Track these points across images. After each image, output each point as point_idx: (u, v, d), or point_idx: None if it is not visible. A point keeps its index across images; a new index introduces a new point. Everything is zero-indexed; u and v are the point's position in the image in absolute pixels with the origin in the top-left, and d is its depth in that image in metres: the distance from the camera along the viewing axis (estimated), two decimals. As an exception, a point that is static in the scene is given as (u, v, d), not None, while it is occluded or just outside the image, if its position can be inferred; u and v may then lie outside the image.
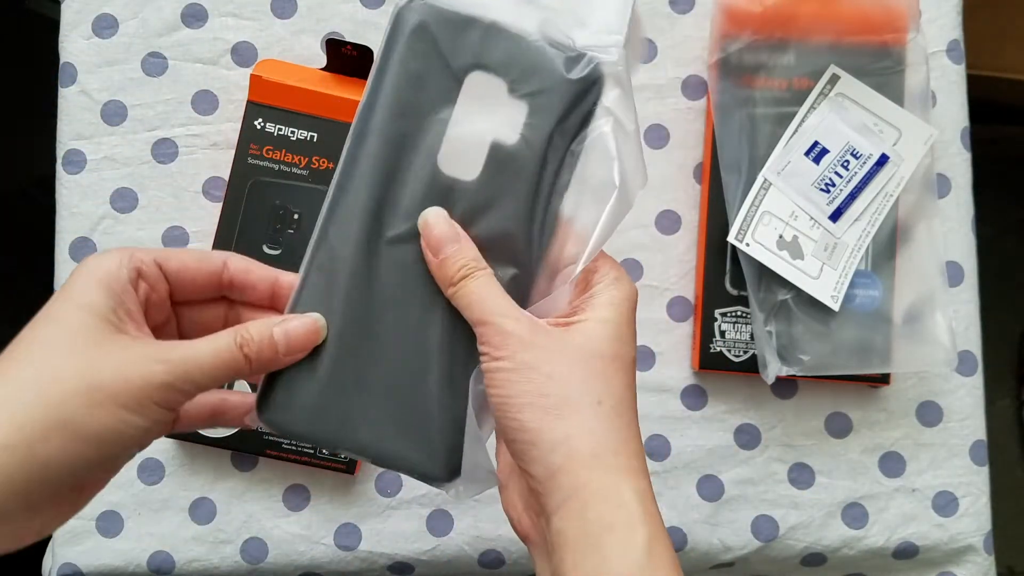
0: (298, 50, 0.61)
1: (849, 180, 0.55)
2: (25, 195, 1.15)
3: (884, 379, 0.57)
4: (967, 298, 0.59)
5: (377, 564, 0.58)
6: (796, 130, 0.56)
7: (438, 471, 0.36)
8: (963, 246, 0.60)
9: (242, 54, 0.61)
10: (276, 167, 0.56)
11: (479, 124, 0.35)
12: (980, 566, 0.58)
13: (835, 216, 0.55)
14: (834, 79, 0.56)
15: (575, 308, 0.35)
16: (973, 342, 0.59)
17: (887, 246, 0.56)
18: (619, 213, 0.34)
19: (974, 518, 0.58)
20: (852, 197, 0.55)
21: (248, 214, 0.56)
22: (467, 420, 0.35)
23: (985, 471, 0.58)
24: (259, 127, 0.56)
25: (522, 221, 0.35)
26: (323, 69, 0.57)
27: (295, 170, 0.56)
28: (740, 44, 0.56)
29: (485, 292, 0.34)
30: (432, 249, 0.34)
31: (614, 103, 0.35)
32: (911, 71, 0.56)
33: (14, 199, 1.16)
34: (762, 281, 0.55)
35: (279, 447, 0.56)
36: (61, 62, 0.61)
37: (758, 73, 0.56)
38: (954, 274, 0.59)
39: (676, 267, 0.59)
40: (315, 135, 0.56)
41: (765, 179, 0.56)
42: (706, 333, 0.57)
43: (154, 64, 0.61)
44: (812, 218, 0.55)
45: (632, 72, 0.35)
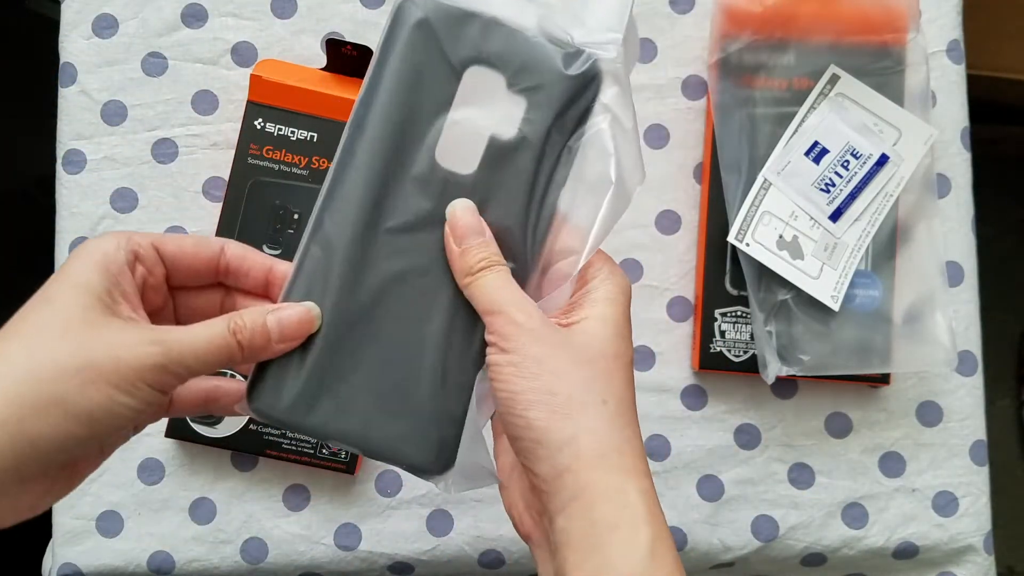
0: (298, 50, 0.61)
1: (849, 180, 0.55)
2: (25, 195, 1.15)
3: (884, 379, 0.57)
4: (967, 298, 0.59)
5: (377, 564, 0.58)
6: (796, 130, 0.56)
7: (429, 463, 0.36)
8: (963, 246, 0.60)
9: (242, 54, 0.61)
10: (276, 167, 0.56)
11: (477, 118, 0.35)
12: (980, 566, 0.58)
13: (835, 216, 0.55)
14: (834, 79, 0.56)
15: (572, 305, 0.35)
16: (973, 342, 0.59)
17: (887, 246, 0.56)
18: (617, 210, 0.34)
19: (974, 518, 0.58)
20: (852, 197, 0.55)
21: (248, 214, 0.56)
22: (467, 417, 0.35)
23: (985, 471, 0.58)
24: (259, 127, 0.56)
25: (519, 215, 0.35)
26: (323, 69, 0.57)
27: (295, 170, 0.56)
28: (740, 44, 0.56)
29: (502, 284, 0.34)
30: (456, 238, 0.34)
31: (612, 100, 0.35)
32: (911, 71, 0.56)
33: (14, 199, 1.16)
34: (762, 281, 0.55)
35: (279, 447, 0.56)
36: (61, 62, 0.61)
37: (758, 73, 0.56)
38: (954, 274, 0.59)
39: (676, 267, 0.59)
40: (315, 135, 0.56)
41: (765, 179, 0.56)
42: (706, 333, 0.57)
43: (154, 64, 0.61)
44: (812, 218, 0.55)
45: (628, 72, 0.35)
